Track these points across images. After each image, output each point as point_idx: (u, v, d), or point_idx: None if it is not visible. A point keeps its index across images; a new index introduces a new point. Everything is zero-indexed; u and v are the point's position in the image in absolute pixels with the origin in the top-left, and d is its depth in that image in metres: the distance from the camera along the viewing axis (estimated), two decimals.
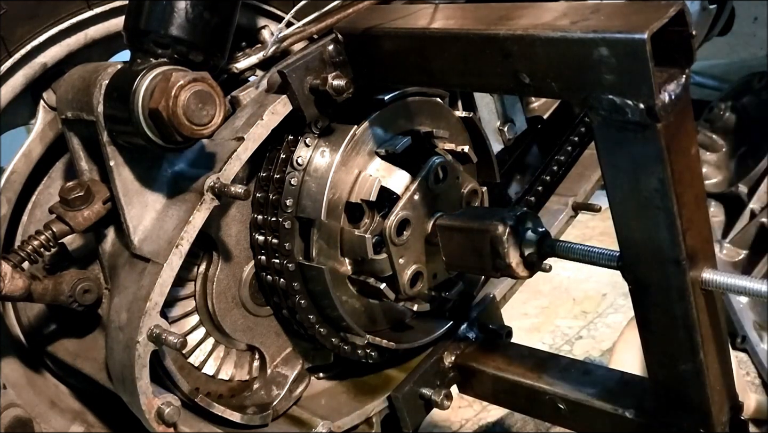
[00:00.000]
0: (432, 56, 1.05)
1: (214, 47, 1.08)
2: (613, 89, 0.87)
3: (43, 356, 1.29)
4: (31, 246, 1.10)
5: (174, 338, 1.06)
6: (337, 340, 1.27)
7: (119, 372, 1.12)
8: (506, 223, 1.13)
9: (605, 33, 0.86)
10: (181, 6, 1.03)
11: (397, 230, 1.19)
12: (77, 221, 1.11)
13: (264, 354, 1.29)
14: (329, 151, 1.18)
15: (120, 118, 1.05)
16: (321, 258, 1.19)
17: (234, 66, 1.22)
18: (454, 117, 1.31)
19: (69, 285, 1.13)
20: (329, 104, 1.15)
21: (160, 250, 1.09)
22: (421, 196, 1.21)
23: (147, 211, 1.13)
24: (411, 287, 1.23)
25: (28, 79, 1.15)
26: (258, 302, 1.26)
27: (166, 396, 1.12)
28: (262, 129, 1.13)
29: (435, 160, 1.23)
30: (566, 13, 0.93)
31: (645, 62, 0.83)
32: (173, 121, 0.99)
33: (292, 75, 1.12)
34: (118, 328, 1.11)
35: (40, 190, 1.23)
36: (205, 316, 1.24)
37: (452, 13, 1.09)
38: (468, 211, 1.27)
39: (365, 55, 1.14)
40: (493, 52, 0.96)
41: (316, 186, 1.17)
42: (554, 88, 0.93)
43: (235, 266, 1.23)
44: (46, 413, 1.27)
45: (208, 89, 1.01)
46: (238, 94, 1.20)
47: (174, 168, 1.14)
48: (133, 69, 1.04)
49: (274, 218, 1.19)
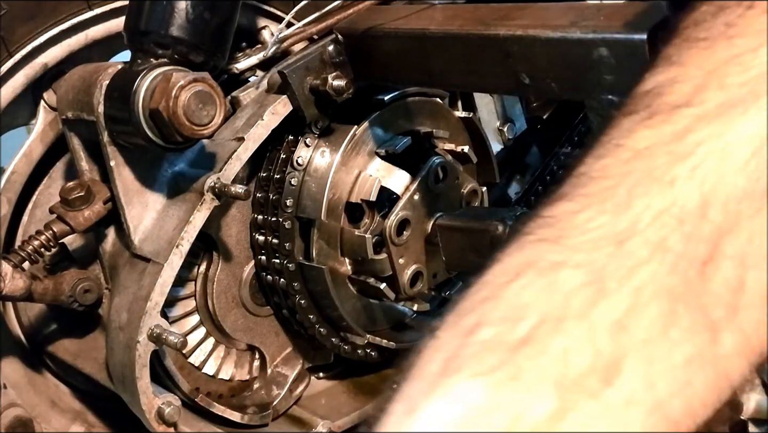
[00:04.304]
0: (432, 56, 1.05)
1: (214, 48, 1.08)
2: (613, 90, 0.87)
3: (43, 356, 1.29)
4: (32, 246, 1.10)
5: (174, 338, 1.06)
6: (337, 340, 1.28)
7: (120, 372, 1.12)
8: (506, 223, 1.13)
9: (605, 33, 0.86)
10: (181, 6, 1.03)
11: (397, 230, 1.19)
12: (78, 221, 1.11)
13: (264, 354, 1.29)
14: (329, 151, 1.18)
15: (120, 118, 1.05)
16: (321, 258, 1.19)
17: (234, 66, 1.22)
18: (454, 117, 1.31)
19: (69, 285, 1.13)
20: (329, 104, 1.15)
21: (161, 250, 1.09)
22: (421, 197, 1.21)
23: (147, 212, 1.13)
24: (411, 286, 1.23)
25: (28, 80, 1.15)
26: (258, 302, 1.27)
27: (167, 396, 1.12)
28: (262, 129, 1.13)
29: (435, 160, 1.24)
30: (566, 13, 0.93)
31: (644, 63, 0.83)
32: (173, 122, 0.99)
33: (292, 75, 1.12)
34: (118, 328, 1.11)
35: (40, 190, 1.23)
36: (205, 316, 1.24)
37: (452, 14, 1.09)
38: (468, 211, 1.28)
39: (365, 56, 1.14)
40: (493, 52, 0.96)
41: (316, 186, 1.17)
42: (554, 89, 0.93)
43: (236, 266, 1.23)
44: (46, 412, 1.27)
45: (209, 89, 1.01)
46: (238, 94, 1.20)
47: (174, 168, 1.14)
48: (134, 69, 1.04)
49: (274, 218, 1.19)
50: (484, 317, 0.49)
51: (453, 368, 0.47)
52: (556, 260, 0.49)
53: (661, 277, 0.48)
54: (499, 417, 0.45)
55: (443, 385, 0.47)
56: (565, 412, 0.45)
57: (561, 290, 0.48)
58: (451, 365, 0.48)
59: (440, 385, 0.47)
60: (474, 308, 0.49)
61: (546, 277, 0.48)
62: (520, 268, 0.50)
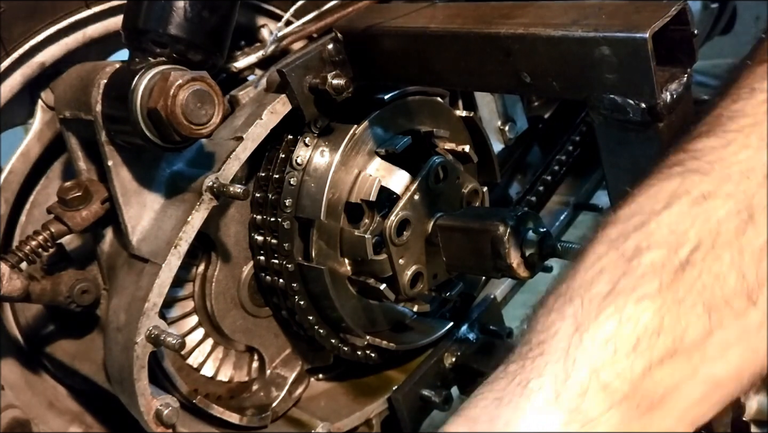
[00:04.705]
0: (432, 55, 1.05)
1: (212, 46, 1.07)
2: (615, 89, 0.87)
3: (41, 357, 1.28)
4: (29, 246, 1.10)
5: (173, 339, 1.06)
6: (337, 341, 1.27)
7: (118, 373, 1.12)
8: (507, 223, 1.12)
9: (607, 32, 0.85)
10: (179, 5, 1.03)
11: (397, 230, 1.18)
12: (75, 221, 1.11)
13: (263, 355, 1.29)
14: (329, 150, 1.17)
15: (118, 117, 1.04)
16: (320, 258, 1.18)
17: (233, 65, 1.22)
18: (454, 116, 1.30)
19: (67, 286, 1.13)
20: (329, 103, 1.14)
21: (159, 250, 1.08)
22: (422, 196, 1.21)
23: (145, 212, 1.12)
24: (411, 287, 1.22)
25: (26, 79, 1.14)
26: (257, 303, 1.26)
27: (165, 397, 1.11)
28: (261, 129, 1.13)
29: (435, 160, 1.23)
30: (567, 11, 0.93)
31: (646, 62, 0.83)
32: (172, 121, 0.98)
33: (291, 74, 1.12)
34: (116, 329, 1.11)
35: (38, 190, 1.23)
36: (203, 317, 1.23)
37: (452, 12, 1.08)
38: (468, 211, 1.27)
39: (365, 54, 1.14)
40: (493, 51, 0.96)
41: (315, 186, 1.17)
42: (555, 88, 0.93)
43: (234, 267, 1.22)
44: (44, 414, 1.27)
45: (207, 88, 1.00)
46: (237, 93, 1.19)
47: (172, 168, 1.14)
48: (132, 68, 1.03)
49: (273, 218, 1.18)
50: (645, 242, 0.53)
51: (622, 288, 0.52)
52: (708, 190, 0.54)
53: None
54: (665, 338, 0.50)
55: (614, 305, 0.52)
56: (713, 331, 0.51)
57: (713, 217, 0.53)
58: (619, 286, 0.52)
59: (611, 305, 0.52)
60: (632, 233, 0.54)
61: (699, 205, 0.54)
62: (673, 196, 0.55)
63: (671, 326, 0.50)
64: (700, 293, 0.51)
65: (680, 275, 0.51)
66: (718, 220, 0.53)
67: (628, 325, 0.50)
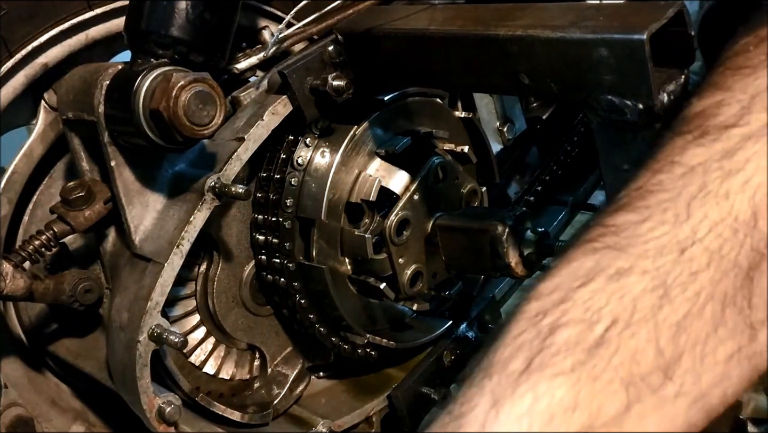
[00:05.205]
0: (432, 57, 1.05)
1: (214, 48, 1.08)
2: (613, 90, 0.87)
3: (44, 356, 1.29)
4: (33, 246, 1.10)
5: (175, 338, 1.06)
6: (337, 339, 1.28)
7: (120, 371, 1.12)
8: (505, 223, 1.13)
9: (604, 34, 0.86)
10: (181, 7, 1.03)
11: (397, 229, 1.19)
12: (78, 220, 1.11)
13: (264, 353, 1.29)
14: (329, 151, 1.18)
15: (121, 118, 1.05)
16: (321, 258, 1.19)
17: (234, 66, 1.22)
18: (453, 117, 1.31)
19: (70, 285, 1.13)
20: (329, 105, 1.15)
21: (161, 250, 1.09)
22: (421, 197, 1.21)
23: (148, 212, 1.13)
24: (411, 286, 1.23)
25: (29, 80, 1.15)
26: (258, 302, 1.27)
27: (167, 395, 1.12)
28: (262, 129, 1.13)
29: (435, 160, 1.24)
30: (566, 13, 0.93)
31: (644, 63, 0.83)
32: (174, 122, 0.99)
33: (292, 75, 1.13)
34: (119, 327, 1.11)
35: (41, 190, 1.23)
36: (205, 315, 1.24)
37: (452, 14, 1.09)
38: (468, 211, 1.28)
39: (365, 56, 1.14)
40: (492, 52, 0.97)
41: (316, 186, 1.17)
42: (554, 89, 0.93)
43: (236, 266, 1.23)
44: (47, 412, 1.27)
45: (209, 90, 1.01)
46: (238, 94, 1.20)
47: (175, 168, 1.15)
48: (134, 69, 1.04)
49: (274, 217, 1.19)
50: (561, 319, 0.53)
51: (536, 366, 0.52)
52: (624, 267, 0.54)
53: (716, 282, 0.53)
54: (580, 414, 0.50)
55: (528, 382, 0.52)
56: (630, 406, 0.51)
57: (628, 294, 0.53)
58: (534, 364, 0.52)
59: (525, 382, 0.52)
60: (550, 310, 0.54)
61: (616, 282, 0.54)
62: (590, 273, 0.55)
63: (586, 402, 0.50)
64: (617, 369, 0.51)
65: (595, 351, 0.51)
66: (633, 297, 0.53)
67: (542, 401, 0.50)
